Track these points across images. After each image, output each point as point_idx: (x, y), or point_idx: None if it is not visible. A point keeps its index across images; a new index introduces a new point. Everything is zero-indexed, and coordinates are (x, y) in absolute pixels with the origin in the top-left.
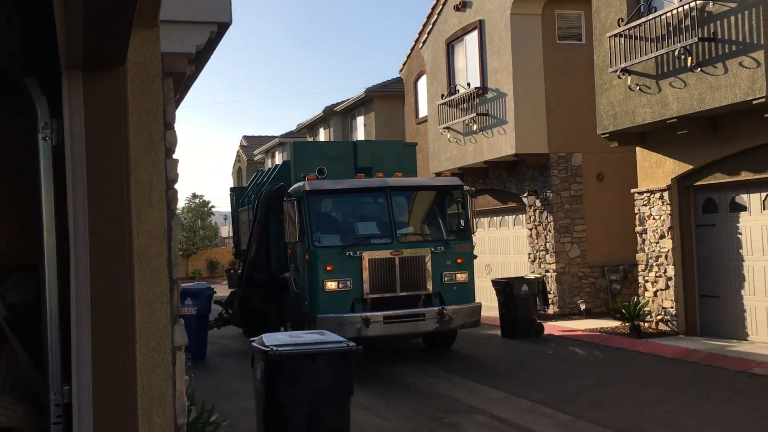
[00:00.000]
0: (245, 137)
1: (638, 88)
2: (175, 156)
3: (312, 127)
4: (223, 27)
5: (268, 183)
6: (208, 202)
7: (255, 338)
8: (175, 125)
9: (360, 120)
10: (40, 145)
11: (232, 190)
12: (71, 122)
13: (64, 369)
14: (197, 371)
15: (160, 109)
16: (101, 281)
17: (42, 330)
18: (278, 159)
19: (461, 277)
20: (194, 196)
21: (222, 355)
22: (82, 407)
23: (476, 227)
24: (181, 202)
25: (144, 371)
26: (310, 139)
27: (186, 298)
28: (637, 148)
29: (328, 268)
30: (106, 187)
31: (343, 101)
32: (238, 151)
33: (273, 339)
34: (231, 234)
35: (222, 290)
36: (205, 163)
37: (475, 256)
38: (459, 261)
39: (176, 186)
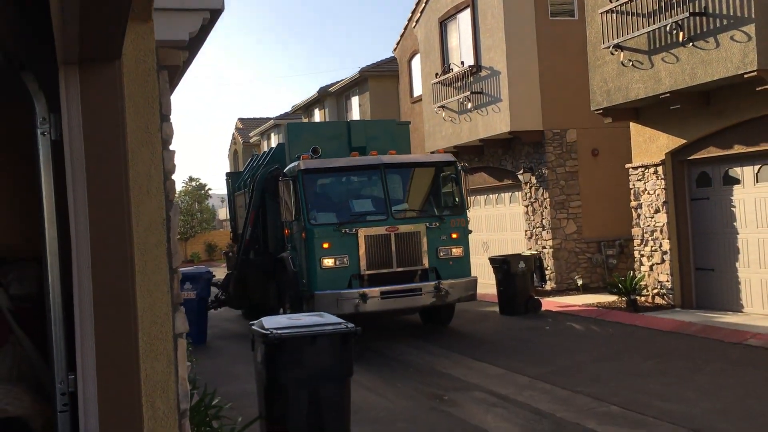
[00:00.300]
0: (240, 119)
1: (631, 63)
2: (171, 147)
3: (307, 108)
4: (215, 14)
5: (263, 166)
6: (205, 185)
7: (255, 321)
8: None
9: (355, 100)
10: (39, 140)
11: (228, 174)
12: (69, 117)
13: (69, 358)
14: (198, 354)
15: (155, 101)
16: (103, 272)
17: (46, 321)
18: (274, 141)
19: (456, 251)
20: (191, 179)
21: (222, 338)
22: (87, 395)
23: (470, 203)
24: (178, 186)
25: (147, 359)
26: (306, 120)
27: (185, 282)
28: (631, 124)
29: (325, 246)
30: (105, 180)
31: (338, 82)
32: (233, 134)
33: (273, 322)
34: (228, 217)
35: (221, 273)
36: (201, 146)
37: (470, 231)
38: (454, 236)
39: (173, 176)
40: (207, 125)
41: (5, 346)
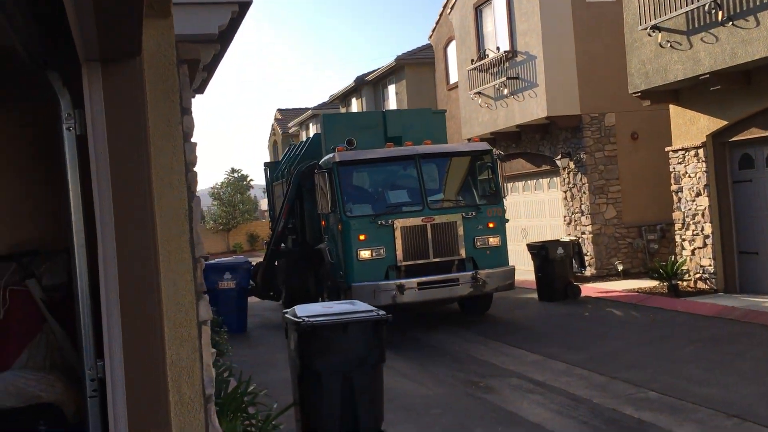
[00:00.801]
0: (279, 110)
1: (669, 45)
2: (192, 139)
3: (344, 97)
4: (244, 6)
5: (300, 156)
6: (247, 176)
7: (288, 310)
8: (208, 104)
9: (391, 89)
10: (65, 135)
11: (266, 164)
12: (93, 113)
13: (97, 345)
14: (238, 343)
15: (176, 95)
16: (127, 261)
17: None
18: (312, 131)
19: (494, 241)
20: (233, 170)
21: (262, 327)
22: (115, 381)
23: (507, 191)
24: (220, 177)
25: (172, 345)
26: (343, 110)
27: (225, 272)
28: (671, 106)
29: (361, 237)
30: (128, 173)
31: (375, 70)
32: (272, 125)
33: (305, 310)
34: (268, 207)
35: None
36: (242, 138)
37: (507, 220)
38: (491, 225)
39: (195, 168)
40: (248, 117)
41: (39, 335)
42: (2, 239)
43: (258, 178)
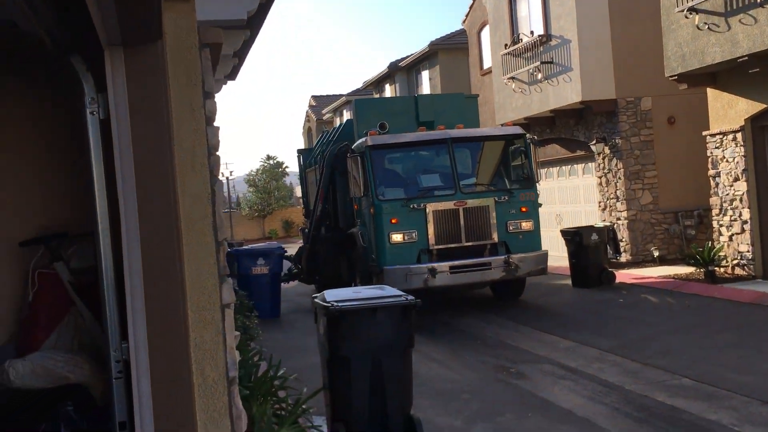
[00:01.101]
0: (314, 97)
1: (707, 27)
2: (222, 125)
3: (378, 83)
4: None
5: (333, 142)
6: (282, 163)
7: (317, 294)
8: (242, 90)
9: (425, 74)
10: (88, 119)
11: (299, 151)
12: (115, 97)
13: (122, 327)
14: (271, 328)
15: (199, 79)
16: (151, 245)
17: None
18: (346, 117)
19: (526, 225)
20: (268, 157)
21: (296, 312)
22: (139, 363)
23: (541, 176)
24: (256, 164)
25: (195, 328)
26: (377, 96)
27: (258, 258)
28: (708, 89)
29: (393, 221)
30: (150, 157)
31: (408, 56)
32: (307, 112)
33: (334, 295)
34: (302, 194)
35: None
36: (278, 125)
37: (540, 204)
38: (523, 209)
39: (217, 152)
40: (283, 103)
41: (67, 318)
42: (31, 222)
43: (293, 165)
